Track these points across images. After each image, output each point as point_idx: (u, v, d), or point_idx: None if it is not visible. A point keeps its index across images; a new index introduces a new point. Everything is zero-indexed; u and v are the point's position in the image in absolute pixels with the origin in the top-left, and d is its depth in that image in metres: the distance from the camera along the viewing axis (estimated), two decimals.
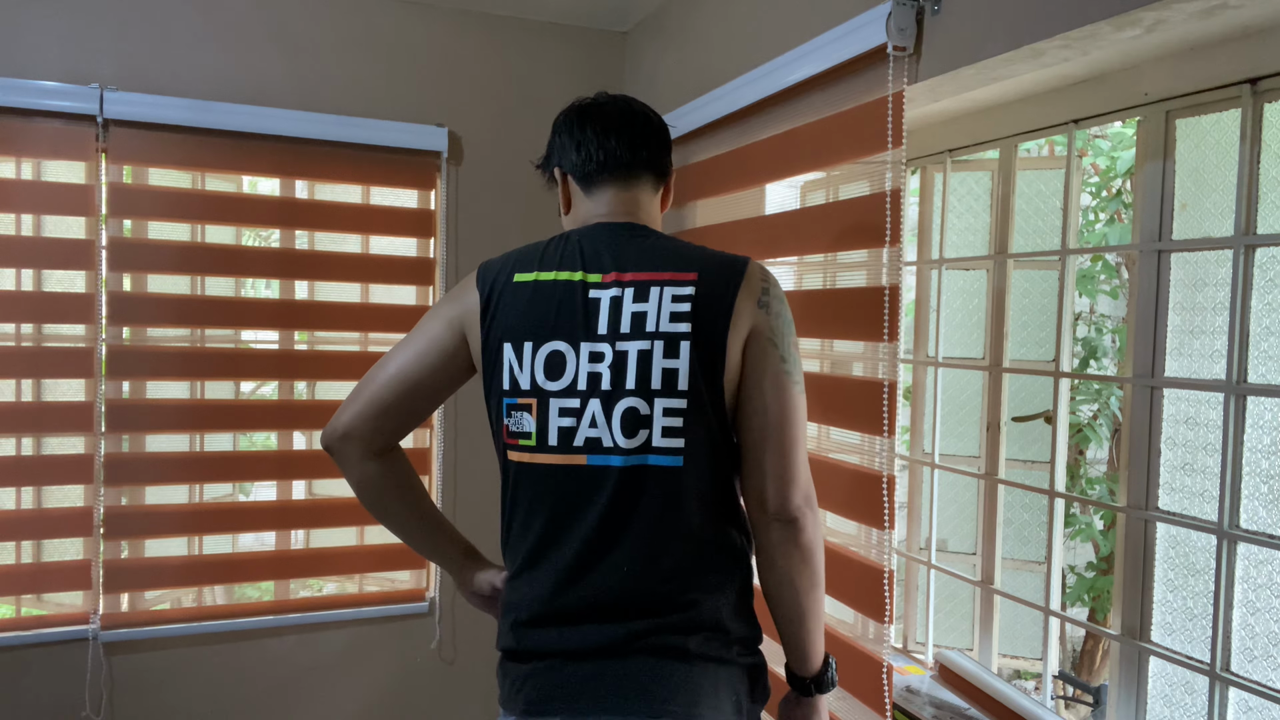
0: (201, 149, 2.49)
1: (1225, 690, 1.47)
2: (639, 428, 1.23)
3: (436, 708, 2.81)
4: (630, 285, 1.25)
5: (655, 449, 1.23)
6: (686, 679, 1.22)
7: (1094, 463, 4.67)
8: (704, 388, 1.23)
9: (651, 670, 1.22)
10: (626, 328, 1.23)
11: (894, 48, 1.63)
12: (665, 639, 1.23)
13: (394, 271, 2.74)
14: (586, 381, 1.24)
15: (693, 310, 1.23)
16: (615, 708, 1.21)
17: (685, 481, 1.23)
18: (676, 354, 1.22)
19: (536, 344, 1.27)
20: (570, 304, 1.26)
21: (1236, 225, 1.45)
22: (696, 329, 1.22)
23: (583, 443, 1.25)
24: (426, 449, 2.79)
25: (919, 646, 2.25)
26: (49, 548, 2.53)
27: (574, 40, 2.91)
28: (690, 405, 1.22)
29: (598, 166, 1.35)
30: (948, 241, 2.16)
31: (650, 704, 1.20)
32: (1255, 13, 1.28)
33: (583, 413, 1.24)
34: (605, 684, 1.22)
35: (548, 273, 1.29)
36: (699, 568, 1.25)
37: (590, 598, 1.25)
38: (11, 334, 2.41)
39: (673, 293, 1.24)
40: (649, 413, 1.22)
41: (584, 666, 1.24)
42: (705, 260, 1.28)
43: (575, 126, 1.37)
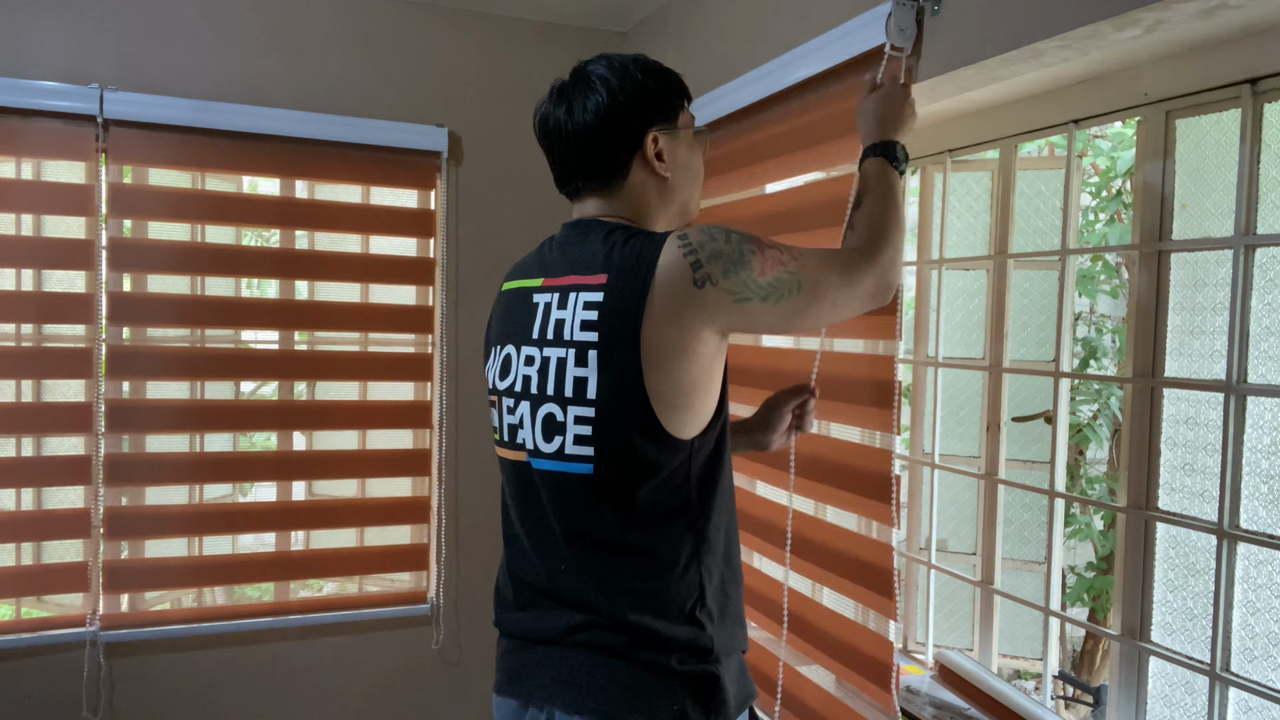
0: (201, 149, 2.50)
1: (1225, 690, 1.47)
2: (555, 434, 1.25)
3: (437, 709, 2.81)
4: (555, 291, 1.27)
5: (568, 456, 1.24)
6: (616, 678, 1.23)
7: (1094, 463, 4.67)
8: (614, 399, 1.19)
9: (589, 665, 1.25)
10: (550, 334, 1.26)
11: (892, 48, 1.63)
12: (599, 635, 1.25)
13: (394, 271, 2.74)
14: (521, 384, 1.30)
15: (599, 319, 1.20)
16: (553, 697, 1.25)
17: (600, 489, 1.23)
18: (586, 363, 1.21)
19: (500, 347, 1.36)
20: (521, 309, 1.32)
21: (1236, 225, 1.45)
22: (603, 338, 1.20)
23: (521, 442, 1.31)
24: (426, 450, 2.79)
25: (919, 646, 2.25)
26: (49, 549, 2.53)
27: (574, 40, 2.91)
28: (599, 414, 1.20)
29: (559, 185, 1.40)
30: (948, 241, 2.16)
31: (578, 697, 1.23)
32: (1255, 13, 1.28)
33: (518, 414, 1.30)
34: (546, 672, 1.27)
35: (519, 280, 1.37)
36: (623, 574, 1.24)
37: (540, 586, 1.31)
38: (11, 334, 2.41)
39: (584, 299, 1.23)
40: (563, 420, 1.24)
41: (535, 653, 1.30)
42: (619, 261, 1.22)
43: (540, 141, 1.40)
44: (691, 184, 1.40)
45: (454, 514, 2.80)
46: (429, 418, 2.78)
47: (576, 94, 1.32)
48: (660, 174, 1.34)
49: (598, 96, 1.31)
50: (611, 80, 1.31)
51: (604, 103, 1.30)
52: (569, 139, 1.32)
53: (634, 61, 1.34)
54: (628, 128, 1.32)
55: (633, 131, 1.32)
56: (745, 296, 1.19)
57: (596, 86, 1.31)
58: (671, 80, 1.36)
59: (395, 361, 2.76)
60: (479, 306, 2.82)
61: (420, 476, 2.80)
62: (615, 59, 1.34)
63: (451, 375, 2.79)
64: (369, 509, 2.76)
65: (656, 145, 1.33)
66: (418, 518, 2.80)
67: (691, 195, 1.40)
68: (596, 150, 1.32)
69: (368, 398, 2.76)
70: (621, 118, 1.31)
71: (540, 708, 1.26)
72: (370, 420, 2.76)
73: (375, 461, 2.77)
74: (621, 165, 1.33)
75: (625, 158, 1.33)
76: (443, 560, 2.79)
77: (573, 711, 1.22)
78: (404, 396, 2.78)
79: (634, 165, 1.33)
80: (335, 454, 2.71)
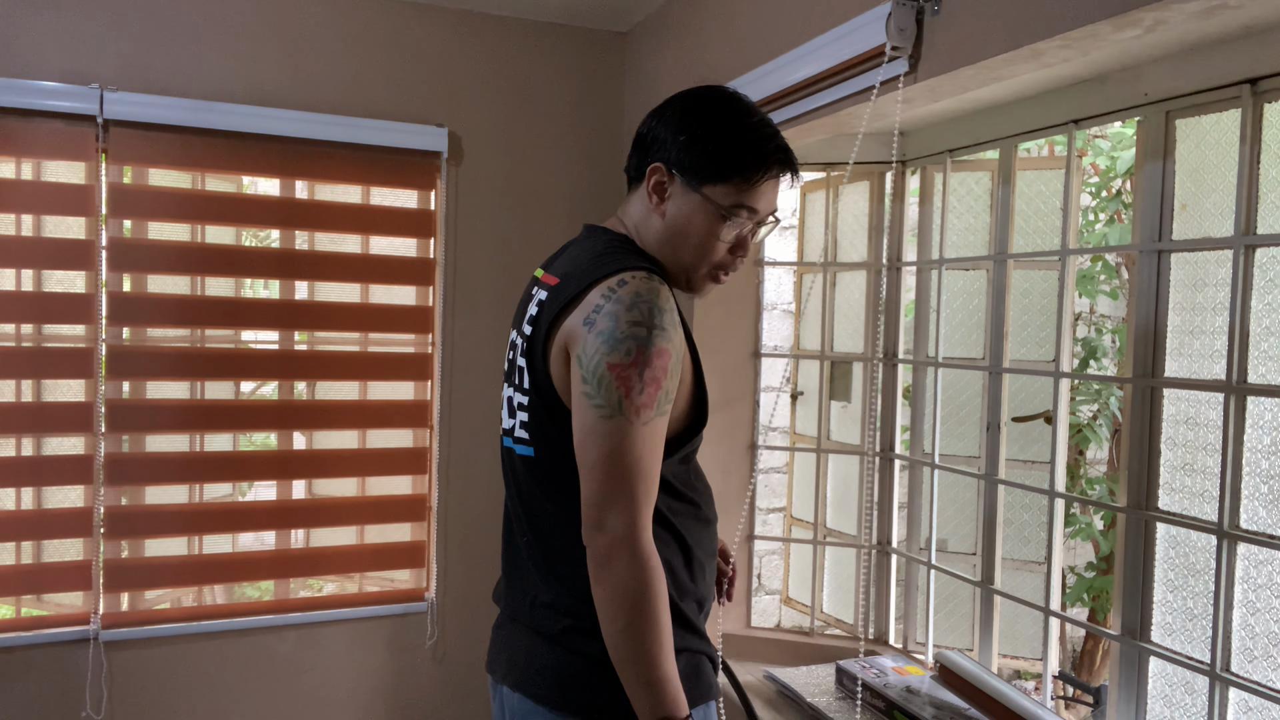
0: (201, 149, 2.49)
1: (1225, 690, 1.48)
2: (512, 415, 1.36)
3: (435, 706, 2.81)
4: (539, 284, 1.35)
5: (518, 438, 1.34)
6: (549, 664, 1.27)
7: (1094, 463, 4.67)
8: (536, 391, 1.28)
9: (529, 647, 1.31)
10: (523, 322, 1.34)
11: (892, 48, 1.63)
12: (540, 618, 1.31)
13: (394, 271, 2.74)
14: (508, 365, 1.39)
15: (537, 315, 1.29)
16: (506, 674, 1.33)
17: (539, 471, 1.31)
18: (526, 354, 1.30)
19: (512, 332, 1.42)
20: (523, 298, 1.39)
21: (1236, 225, 1.45)
22: (534, 334, 1.28)
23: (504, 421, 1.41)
24: (425, 449, 2.79)
25: (919, 646, 2.25)
26: (49, 548, 2.53)
27: (574, 40, 2.91)
28: (532, 402, 1.29)
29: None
30: (948, 241, 2.16)
31: (518, 677, 1.30)
32: (1255, 13, 1.28)
33: (504, 394, 1.41)
34: (505, 649, 1.36)
35: (536, 270, 1.43)
36: (563, 559, 1.29)
37: (511, 562, 1.40)
38: (11, 334, 2.41)
39: (539, 295, 1.31)
40: (516, 403, 1.34)
41: (504, 629, 1.39)
42: (575, 270, 1.27)
43: None
44: (682, 245, 1.32)
45: (452, 512, 2.80)
46: (428, 417, 2.78)
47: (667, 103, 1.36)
48: (654, 208, 1.32)
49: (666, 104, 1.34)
50: (685, 101, 1.33)
51: (661, 110, 1.34)
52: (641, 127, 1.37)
53: (724, 109, 1.30)
54: (654, 144, 1.32)
55: (653, 149, 1.32)
56: (584, 366, 1.19)
57: (676, 99, 1.35)
58: (738, 149, 1.28)
59: (395, 361, 2.76)
60: (479, 306, 2.82)
61: (419, 475, 2.80)
62: (727, 96, 1.33)
63: (451, 375, 2.79)
64: (368, 507, 2.77)
65: (658, 177, 1.31)
66: (416, 516, 2.80)
67: (680, 254, 1.32)
68: (634, 147, 1.36)
69: (367, 397, 2.76)
70: (656, 131, 1.32)
71: (500, 682, 1.35)
72: (370, 420, 2.76)
73: (375, 460, 2.77)
74: (636, 173, 1.36)
75: (641, 168, 1.35)
76: (441, 558, 2.79)
77: (515, 689, 1.30)
78: (404, 396, 2.78)
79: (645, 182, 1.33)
80: (335, 453, 2.71)
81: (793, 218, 2.89)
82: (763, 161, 1.28)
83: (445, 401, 2.78)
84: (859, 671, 2.00)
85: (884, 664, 2.08)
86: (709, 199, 1.28)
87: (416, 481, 2.82)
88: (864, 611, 2.37)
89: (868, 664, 2.07)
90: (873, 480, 2.36)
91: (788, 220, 3.65)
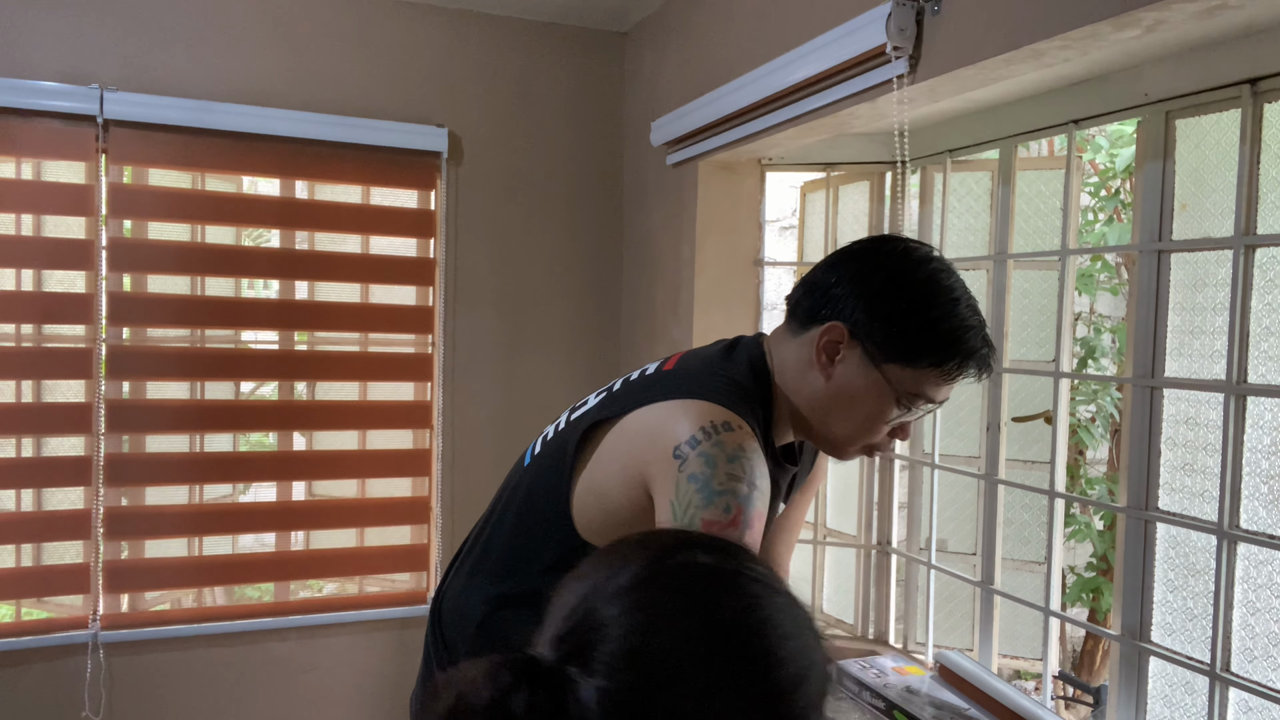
0: (201, 149, 2.49)
1: (1225, 690, 1.47)
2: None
3: None
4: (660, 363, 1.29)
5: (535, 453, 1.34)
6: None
7: (1094, 463, 4.67)
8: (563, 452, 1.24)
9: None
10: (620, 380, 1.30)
11: (893, 48, 1.63)
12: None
13: (394, 271, 2.74)
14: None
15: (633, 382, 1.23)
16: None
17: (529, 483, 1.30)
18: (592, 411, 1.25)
19: None
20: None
21: (1236, 225, 1.45)
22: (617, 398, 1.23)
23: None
24: (426, 450, 2.79)
25: (919, 646, 2.25)
26: (49, 550, 2.53)
27: (574, 40, 2.91)
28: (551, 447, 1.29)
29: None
30: (948, 241, 2.16)
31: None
32: (1255, 13, 1.28)
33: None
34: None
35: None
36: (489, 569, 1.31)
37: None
38: (11, 334, 2.41)
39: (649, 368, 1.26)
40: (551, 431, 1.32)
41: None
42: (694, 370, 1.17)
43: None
44: (842, 416, 1.16)
45: (454, 514, 2.80)
46: (429, 418, 2.78)
47: (868, 246, 1.19)
48: (819, 366, 1.15)
49: (859, 256, 1.17)
50: (886, 263, 1.14)
51: (853, 262, 1.16)
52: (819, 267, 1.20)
53: (930, 286, 1.12)
54: (836, 298, 1.14)
55: (834, 304, 1.14)
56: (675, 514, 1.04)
57: (873, 254, 1.16)
58: (939, 339, 1.10)
59: (395, 361, 2.76)
60: (479, 306, 2.82)
61: (420, 477, 2.80)
62: (937, 270, 1.13)
63: (451, 375, 2.79)
64: (369, 509, 2.76)
65: (833, 338, 1.13)
66: (417, 518, 2.80)
67: (836, 424, 1.17)
68: (808, 286, 1.18)
69: (368, 398, 2.76)
70: (842, 285, 1.14)
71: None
72: (370, 420, 2.76)
73: (375, 461, 2.77)
74: (805, 317, 1.17)
75: (814, 316, 1.16)
76: (443, 561, 2.79)
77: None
78: (404, 396, 2.78)
79: (811, 332, 1.16)
80: (335, 454, 2.71)
81: (793, 218, 2.89)
82: (966, 358, 1.12)
83: (446, 402, 2.78)
84: (859, 671, 2.00)
85: (884, 664, 2.07)
86: (890, 381, 1.12)
87: (417, 483, 2.82)
88: (864, 612, 2.37)
89: (867, 664, 2.07)
90: (872, 480, 2.36)
91: (787, 220, 3.64)
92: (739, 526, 1.01)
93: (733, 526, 1.01)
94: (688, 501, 1.03)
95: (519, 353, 2.89)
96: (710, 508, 1.01)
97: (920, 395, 1.13)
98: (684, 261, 2.55)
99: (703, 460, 1.03)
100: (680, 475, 1.03)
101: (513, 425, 2.88)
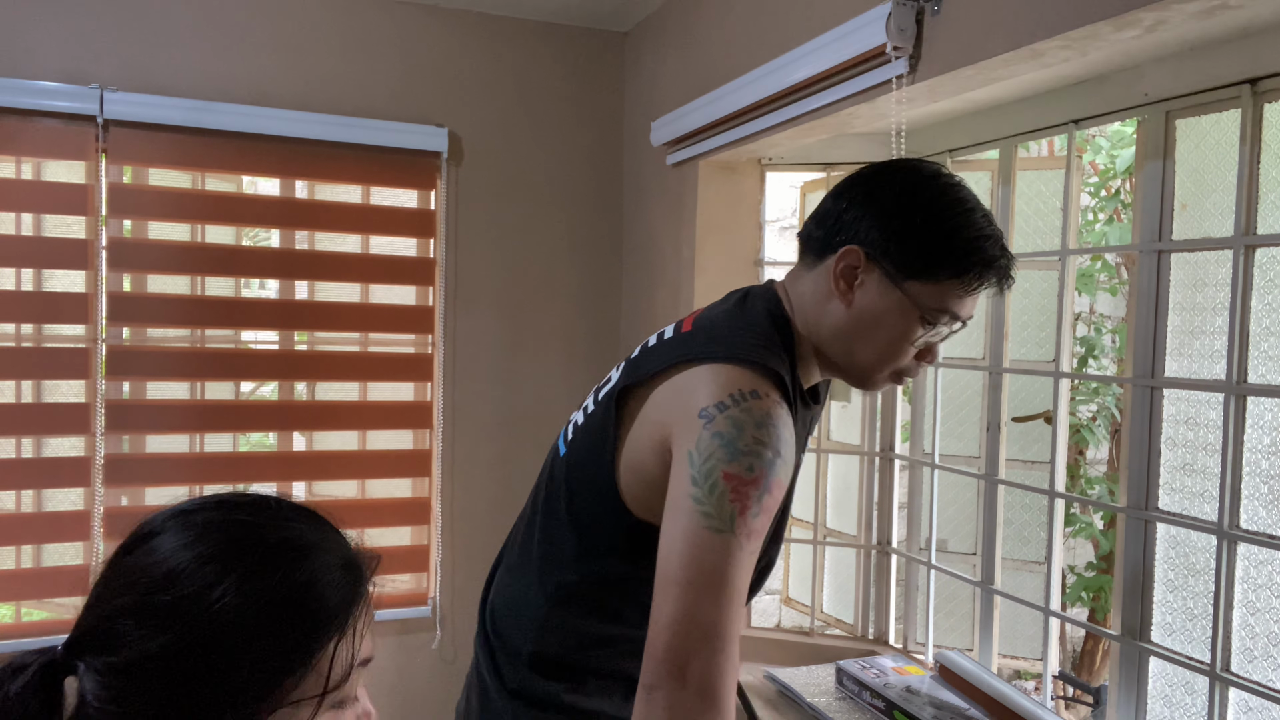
0: (201, 149, 2.49)
1: (1225, 690, 1.47)
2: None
3: (437, 710, 2.81)
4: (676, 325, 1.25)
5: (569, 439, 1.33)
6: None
7: (1094, 463, 4.67)
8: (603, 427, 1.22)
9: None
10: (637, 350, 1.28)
11: (893, 48, 1.63)
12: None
13: (394, 271, 2.74)
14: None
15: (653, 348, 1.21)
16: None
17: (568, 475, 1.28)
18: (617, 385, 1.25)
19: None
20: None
21: (1236, 225, 1.45)
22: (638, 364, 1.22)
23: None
24: (426, 450, 2.79)
25: (919, 646, 2.25)
26: (49, 550, 2.53)
27: (574, 40, 2.91)
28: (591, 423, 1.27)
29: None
30: None
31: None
32: (1255, 13, 1.28)
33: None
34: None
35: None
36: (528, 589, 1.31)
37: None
38: (11, 334, 2.41)
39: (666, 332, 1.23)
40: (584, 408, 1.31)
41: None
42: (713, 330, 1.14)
43: None
44: (865, 342, 1.14)
45: (455, 515, 2.80)
46: (429, 418, 2.78)
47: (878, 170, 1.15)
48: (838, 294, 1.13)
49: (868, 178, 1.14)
50: (896, 180, 1.12)
51: (862, 184, 1.14)
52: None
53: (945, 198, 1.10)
54: (849, 222, 1.12)
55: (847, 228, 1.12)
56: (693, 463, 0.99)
57: (882, 174, 1.14)
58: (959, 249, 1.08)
59: (395, 361, 2.76)
60: (479, 306, 2.82)
61: (420, 477, 2.80)
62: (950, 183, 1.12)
63: (452, 375, 2.79)
64: (369, 510, 2.76)
65: (850, 262, 1.11)
66: (418, 518, 2.80)
67: (860, 351, 1.14)
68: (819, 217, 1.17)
69: (368, 398, 2.76)
70: (854, 208, 1.12)
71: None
72: (370, 420, 2.76)
73: (375, 462, 2.77)
74: (819, 249, 1.16)
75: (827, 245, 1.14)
76: (445, 562, 2.79)
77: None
78: (404, 396, 2.78)
79: (827, 262, 1.14)
80: (335, 454, 2.71)
81: (793, 218, 2.89)
82: (986, 267, 1.09)
83: (447, 402, 2.78)
84: (859, 671, 2.00)
85: (884, 664, 2.08)
86: (912, 298, 1.09)
87: (417, 484, 2.82)
88: (864, 612, 2.37)
89: (868, 664, 2.07)
90: (873, 480, 2.36)
91: (787, 220, 3.63)
92: (759, 486, 0.98)
93: (753, 485, 0.97)
94: (709, 453, 0.98)
95: (519, 353, 2.89)
96: (733, 463, 0.98)
97: (944, 310, 1.10)
98: (684, 261, 2.55)
99: (730, 422, 1.00)
100: (705, 431, 1.00)
101: (513, 425, 2.88)
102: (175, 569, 0.67)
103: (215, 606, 0.66)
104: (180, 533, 0.70)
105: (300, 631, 0.69)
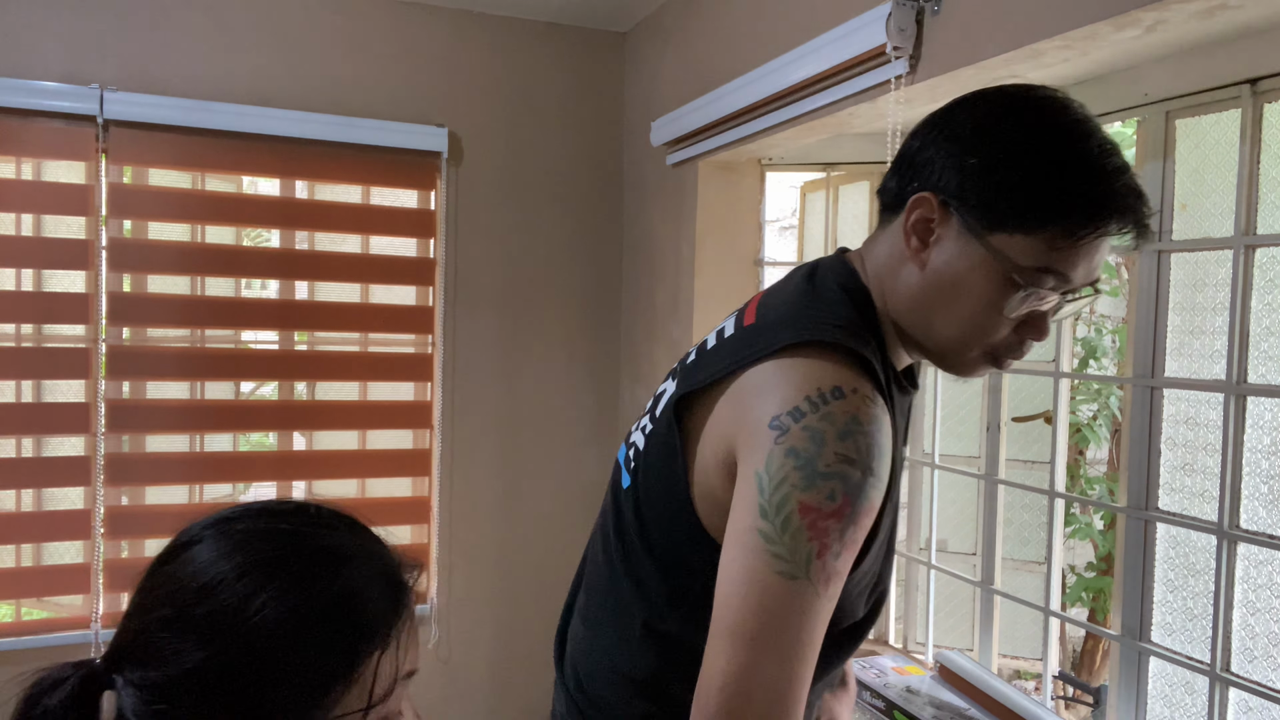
0: (201, 149, 2.50)
1: (1225, 690, 1.47)
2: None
3: (435, 708, 2.81)
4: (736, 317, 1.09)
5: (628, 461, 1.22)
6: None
7: (1094, 463, 4.67)
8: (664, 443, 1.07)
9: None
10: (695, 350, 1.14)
11: (893, 48, 1.63)
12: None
13: (394, 271, 2.74)
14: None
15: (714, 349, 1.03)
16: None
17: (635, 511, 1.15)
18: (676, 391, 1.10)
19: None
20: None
21: (1236, 225, 1.45)
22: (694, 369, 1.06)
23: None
24: (426, 450, 2.79)
25: (919, 646, 2.25)
26: (49, 550, 2.53)
27: (574, 40, 2.91)
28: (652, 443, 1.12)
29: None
30: None
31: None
32: (1255, 13, 1.28)
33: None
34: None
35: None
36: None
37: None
38: (11, 334, 2.41)
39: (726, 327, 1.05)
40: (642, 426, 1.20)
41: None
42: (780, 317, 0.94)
43: None
44: (944, 312, 0.92)
45: (454, 515, 2.80)
46: (429, 418, 2.78)
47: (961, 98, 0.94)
48: (910, 249, 0.92)
49: (951, 109, 0.93)
50: (984, 107, 0.91)
51: (944, 118, 0.93)
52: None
53: (1044, 122, 0.89)
54: (924, 165, 0.92)
55: (922, 172, 0.92)
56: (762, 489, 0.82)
57: (969, 101, 0.92)
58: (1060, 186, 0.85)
59: (395, 361, 2.77)
60: (479, 306, 2.82)
61: (420, 477, 2.80)
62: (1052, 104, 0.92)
63: (452, 375, 2.79)
64: (369, 509, 2.75)
65: (922, 212, 0.91)
66: (417, 518, 2.80)
67: (939, 324, 0.92)
68: (895, 165, 0.97)
69: (368, 398, 2.76)
70: (931, 147, 0.91)
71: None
72: (370, 420, 2.76)
73: (375, 461, 2.77)
74: (893, 202, 0.96)
75: (900, 197, 0.94)
76: (443, 561, 2.79)
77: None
78: (404, 396, 2.78)
79: (900, 216, 0.94)
80: (335, 454, 2.71)
81: (793, 218, 2.89)
82: (1100, 209, 0.85)
83: (446, 402, 2.78)
84: (859, 671, 2.00)
85: (884, 664, 2.07)
86: (997, 253, 0.87)
87: (417, 483, 2.82)
88: None
89: (867, 664, 2.07)
90: None
91: (787, 220, 3.63)
92: (843, 518, 0.81)
93: (835, 518, 0.81)
94: (782, 477, 0.81)
95: (519, 353, 2.89)
96: (811, 490, 0.80)
97: (1044, 270, 0.86)
98: (684, 261, 2.55)
99: (808, 435, 0.82)
100: (776, 447, 0.82)
101: (513, 425, 2.88)
102: (213, 580, 0.65)
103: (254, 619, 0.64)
104: (219, 541, 0.68)
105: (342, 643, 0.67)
